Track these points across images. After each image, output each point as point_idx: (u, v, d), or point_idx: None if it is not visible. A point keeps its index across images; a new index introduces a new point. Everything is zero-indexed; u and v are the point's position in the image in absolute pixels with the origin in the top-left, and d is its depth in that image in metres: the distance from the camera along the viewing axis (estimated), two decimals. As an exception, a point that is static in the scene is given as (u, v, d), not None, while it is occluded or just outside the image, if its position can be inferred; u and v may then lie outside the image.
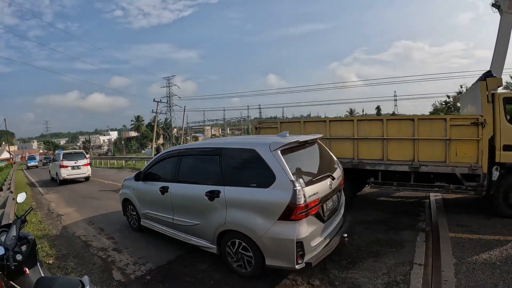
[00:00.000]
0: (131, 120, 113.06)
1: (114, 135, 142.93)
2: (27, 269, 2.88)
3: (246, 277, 4.55)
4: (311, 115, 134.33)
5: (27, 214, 3.36)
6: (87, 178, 18.64)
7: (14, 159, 72.01)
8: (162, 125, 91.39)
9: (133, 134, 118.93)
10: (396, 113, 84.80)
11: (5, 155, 79.82)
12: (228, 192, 4.58)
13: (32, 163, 48.53)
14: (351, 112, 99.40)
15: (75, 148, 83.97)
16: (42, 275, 3.03)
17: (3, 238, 2.98)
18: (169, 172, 5.88)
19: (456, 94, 30.04)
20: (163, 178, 6.06)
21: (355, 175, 7.75)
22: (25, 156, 70.64)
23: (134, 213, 7.04)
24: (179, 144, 50.47)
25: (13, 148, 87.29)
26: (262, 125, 9.13)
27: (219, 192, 4.66)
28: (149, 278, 4.88)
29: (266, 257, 4.22)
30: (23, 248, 2.97)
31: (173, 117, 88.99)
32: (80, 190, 14.98)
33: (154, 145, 40.96)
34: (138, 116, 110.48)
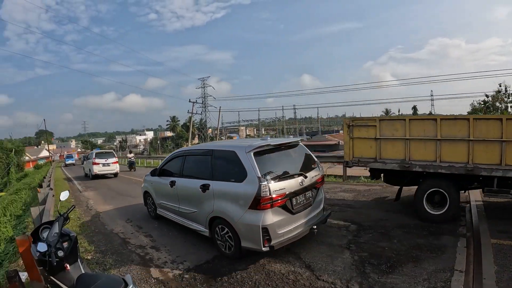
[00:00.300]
0: (167, 121, 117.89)
1: (150, 135, 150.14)
2: (68, 265, 3.02)
3: (230, 257, 5.57)
4: (346, 115, 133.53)
5: (69, 212, 3.54)
6: (115, 174, 21.59)
7: (53, 157, 76.21)
8: (197, 125, 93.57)
9: (169, 134, 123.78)
10: (433, 113, 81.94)
11: (45, 153, 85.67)
12: (215, 185, 5.77)
13: (69, 161, 51.95)
14: (387, 112, 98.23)
15: (111, 148, 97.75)
16: (83, 271, 3.17)
17: (45, 235, 3.15)
18: (177, 169, 7.24)
19: (495, 93, 28.75)
20: (172, 174, 7.38)
21: (462, 182, 7.09)
22: (63, 155, 74.81)
23: (152, 203, 8.51)
24: None
25: (52, 147, 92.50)
26: (355, 123, 8.19)
27: (209, 185, 5.85)
28: (187, 277, 5.02)
29: (241, 239, 5.25)
30: (65, 244, 3.12)
31: (208, 117, 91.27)
32: (117, 188, 15.63)
33: (189, 145, 42.28)
34: (174, 117, 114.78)
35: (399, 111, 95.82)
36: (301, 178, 5.60)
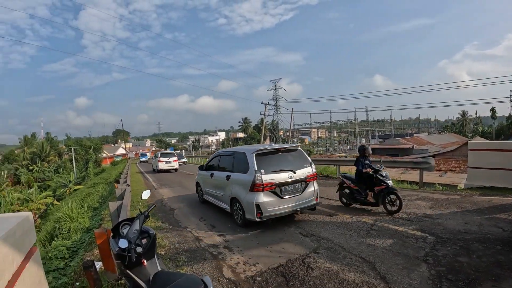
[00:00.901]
0: (239, 122, 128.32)
1: (222, 135, 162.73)
2: (145, 261, 3.37)
3: (242, 226, 8.34)
4: (420, 118, 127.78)
5: (150, 210, 3.94)
6: (176, 170, 29.74)
7: (128, 155, 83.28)
8: (269, 126, 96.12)
9: (240, 135, 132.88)
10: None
11: (121, 151, 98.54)
12: (233, 175, 8.97)
13: (143, 159, 60.23)
14: (463, 114, 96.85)
15: (184, 147, 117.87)
16: (159, 268, 3.54)
17: (125, 231, 3.57)
18: (215, 165, 10.71)
19: None
20: (212, 168, 10.77)
21: None
22: (138, 153, 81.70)
23: (200, 190, 12.01)
24: None
25: (128, 145, 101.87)
26: None
27: (230, 176, 9.10)
28: (259, 280, 5.31)
29: (245, 212, 8.10)
30: (144, 241, 3.49)
31: (279, 119, 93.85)
32: (191, 186, 16.49)
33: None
34: (246, 118, 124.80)
35: (476, 114, 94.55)
36: (290, 173, 8.27)
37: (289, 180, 8.16)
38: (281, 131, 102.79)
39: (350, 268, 5.44)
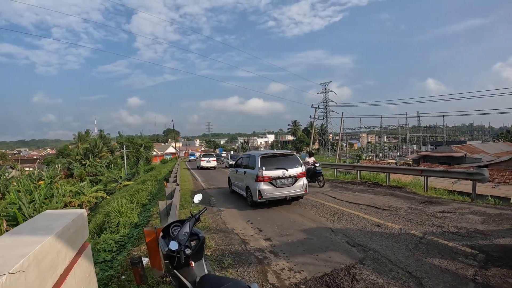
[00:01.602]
0: (288, 124, 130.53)
1: (271, 138, 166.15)
2: (192, 262, 3.41)
3: (251, 206, 11.91)
4: (474, 124, 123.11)
5: (201, 214, 4.00)
6: (214, 167, 37.22)
7: (178, 154, 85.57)
8: (318, 130, 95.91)
9: (290, 137, 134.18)
10: None
11: (171, 150, 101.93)
12: (247, 171, 12.55)
13: (192, 157, 64.66)
14: None
15: (233, 148, 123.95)
16: (205, 270, 3.58)
17: (175, 232, 3.64)
18: (239, 163, 14.38)
19: None
20: (237, 166, 14.47)
21: None
22: (188, 152, 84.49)
23: (230, 183, 15.94)
24: (335, 150, 69.40)
25: (178, 144, 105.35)
26: None
27: (246, 171, 12.77)
28: (304, 288, 5.27)
29: (253, 196, 11.63)
30: (193, 243, 3.56)
31: (329, 122, 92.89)
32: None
33: (309, 150, 46.98)
34: (295, 121, 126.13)
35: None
36: (283, 171, 11.73)
37: (282, 175, 11.66)
38: (330, 135, 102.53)
39: (396, 282, 5.26)
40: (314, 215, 10.05)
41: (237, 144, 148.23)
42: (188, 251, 3.31)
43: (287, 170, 11.68)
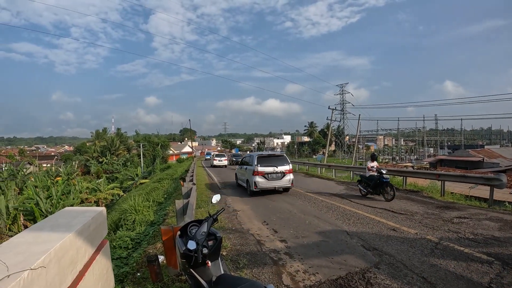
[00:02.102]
0: (304, 126, 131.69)
1: (287, 139, 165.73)
2: (209, 262, 3.45)
3: (250, 195, 15.21)
4: (492, 128, 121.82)
5: (219, 214, 4.03)
6: (225, 166, 42.54)
7: (194, 153, 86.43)
8: (335, 132, 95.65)
9: (306, 139, 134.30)
10: None
11: (187, 149, 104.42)
12: (248, 167, 15.95)
13: (208, 157, 66.73)
14: None
15: (249, 148, 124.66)
16: (221, 270, 3.62)
17: (193, 232, 3.70)
18: (243, 162, 17.84)
19: None
20: (242, 164, 17.85)
21: None
22: (204, 152, 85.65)
23: (236, 178, 19.24)
24: (351, 152, 72.56)
25: (194, 144, 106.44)
26: None
27: (247, 167, 16.12)
28: (319, 290, 5.23)
29: (250, 186, 15.05)
30: (210, 243, 3.60)
31: (346, 124, 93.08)
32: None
33: (326, 152, 51.72)
34: (312, 122, 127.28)
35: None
36: (274, 167, 14.86)
37: (273, 171, 14.88)
38: (347, 137, 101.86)
39: (411, 288, 5.24)
40: (330, 218, 9.98)
41: (253, 145, 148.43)
42: (205, 250, 3.34)
43: (277, 167, 15.04)
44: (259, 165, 14.72)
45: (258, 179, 14.56)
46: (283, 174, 14.93)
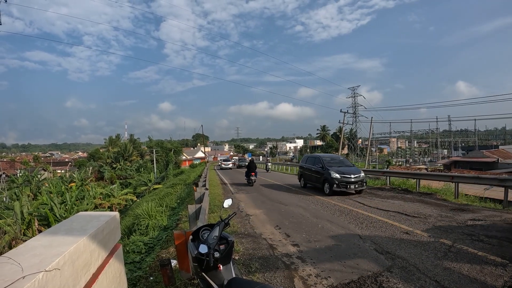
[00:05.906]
0: (317, 129, 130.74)
1: (300, 143, 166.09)
2: (221, 266, 3.48)
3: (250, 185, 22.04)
4: (506, 128, 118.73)
5: (230, 218, 4.07)
6: (231, 168, 51.07)
7: (207, 158, 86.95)
8: (347, 135, 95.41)
9: (318, 142, 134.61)
10: None
11: (200, 154, 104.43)
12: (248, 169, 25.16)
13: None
14: None
15: (262, 153, 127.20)
16: (233, 273, 3.60)
17: (205, 236, 3.73)
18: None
19: None
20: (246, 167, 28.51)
21: None
22: (217, 157, 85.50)
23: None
24: (364, 155, 72.29)
25: (207, 149, 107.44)
26: None
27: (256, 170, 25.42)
28: (331, 294, 5.22)
29: (247, 181, 23.28)
30: (222, 247, 3.60)
31: (358, 127, 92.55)
32: (267, 193, 16.80)
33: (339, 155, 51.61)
34: (324, 126, 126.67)
35: None
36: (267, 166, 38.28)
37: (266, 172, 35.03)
38: (360, 140, 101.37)
39: (425, 293, 5.20)
40: (343, 222, 9.94)
41: (266, 149, 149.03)
42: (217, 254, 3.37)
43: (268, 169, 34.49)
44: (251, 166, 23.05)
45: (253, 177, 22.26)
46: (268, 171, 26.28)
